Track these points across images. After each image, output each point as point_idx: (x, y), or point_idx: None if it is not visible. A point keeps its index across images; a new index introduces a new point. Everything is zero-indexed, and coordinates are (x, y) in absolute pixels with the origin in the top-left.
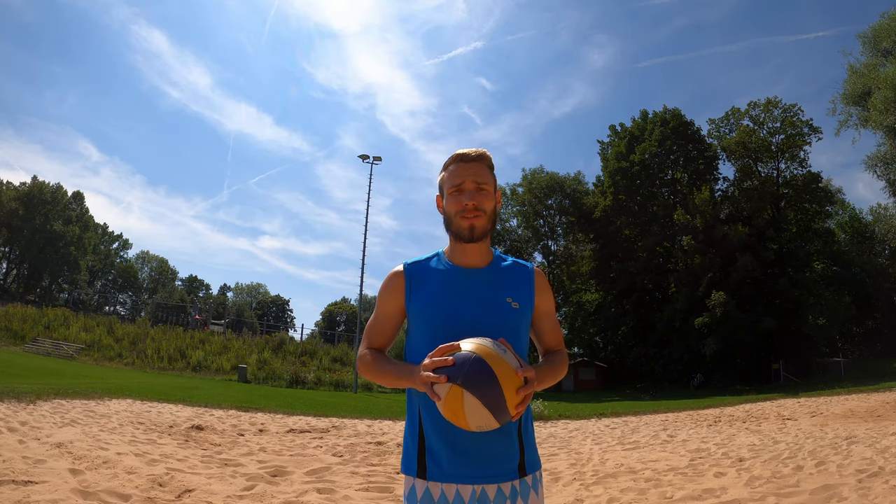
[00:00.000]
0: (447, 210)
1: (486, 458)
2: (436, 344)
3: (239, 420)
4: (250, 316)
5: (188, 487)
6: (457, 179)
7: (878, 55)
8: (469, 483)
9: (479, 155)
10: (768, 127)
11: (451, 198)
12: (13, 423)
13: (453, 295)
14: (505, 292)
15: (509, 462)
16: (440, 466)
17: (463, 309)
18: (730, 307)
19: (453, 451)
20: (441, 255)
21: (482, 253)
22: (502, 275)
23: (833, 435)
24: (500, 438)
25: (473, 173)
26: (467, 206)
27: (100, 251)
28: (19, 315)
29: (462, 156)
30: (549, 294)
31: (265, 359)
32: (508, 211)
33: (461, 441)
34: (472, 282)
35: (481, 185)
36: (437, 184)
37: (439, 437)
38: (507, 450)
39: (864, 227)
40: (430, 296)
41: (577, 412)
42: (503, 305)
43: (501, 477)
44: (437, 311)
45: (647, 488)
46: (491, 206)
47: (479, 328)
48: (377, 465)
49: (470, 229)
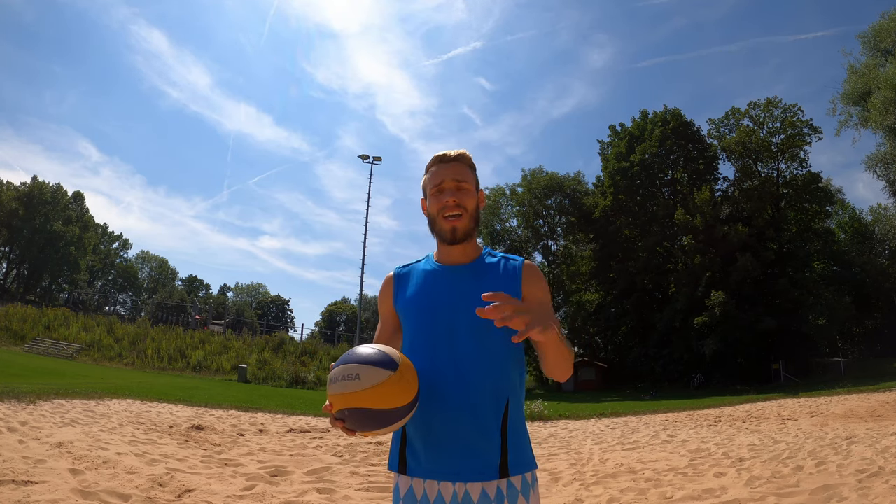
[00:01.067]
0: (430, 211)
1: (461, 453)
2: (418, 340)
3: (239, 420)
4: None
5: (188, 487)
6: (437, 179)
7: (879, 55)
8: (448, 480)
9: (458, 155)
10: (768, 127)
11: (432, 198)
12: (13, 423)
13: (434, 292)
14: (487, 286)
15: (487, 460)
16: (419, 462)
17: (443, 304)
18: (730, 307)
19: (428, 445)
20: (430, 257)
21: (467, 251)
22: (486, 269)
23: (833, 435)
24: (474, 433)
25: (453, 172)
26: (448, 203)
27: (100, 251)
28: (19, 315)
29: (441, 157)
30: (539, 285)
31: (265, 359)
32: (508, 211)
33: (436, 435)
34: (453, 278)
35: (461, 184)
36: (421, 187)
37: (416, 430)
38: (482, 445)
39: (864, 227)
40: (412, 294)
41: (577, 412)
42: (480, 301)
43: (480, 475)
44: (417, 308)
45: (647, 488)
46: (472, 204)
47: (460, 323)
48: (377, 465)
49: (452, 231)
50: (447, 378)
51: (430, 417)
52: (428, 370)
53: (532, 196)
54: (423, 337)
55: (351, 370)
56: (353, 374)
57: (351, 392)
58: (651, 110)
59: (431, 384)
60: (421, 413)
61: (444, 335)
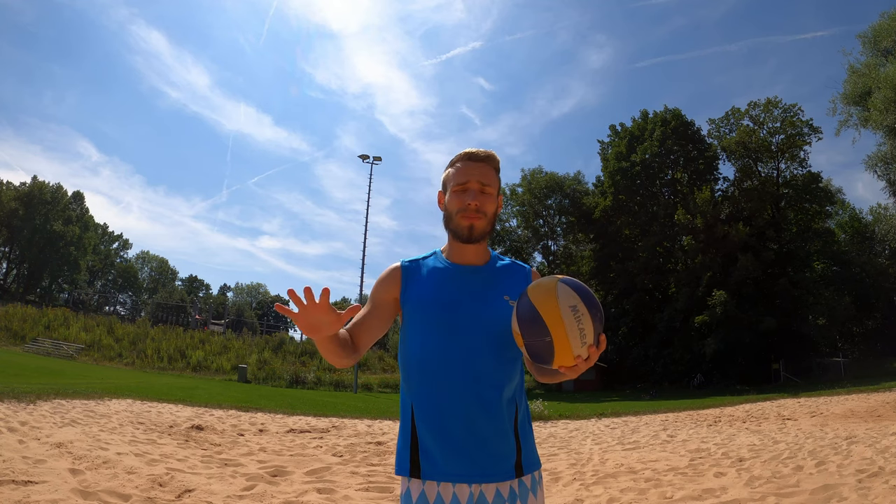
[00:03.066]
0: (448, 207)
1: (481, 455)
2: (432, 339)
3: (239, 420)
4: (250, 316)
5: (188, 487)
6: (462, 178)
7: (879, 55)
8: (465, 482)
9: (487, 156)
10: (768, 127)
11: (453, 195)
12: (13, 423)
13: (450, 291)
14: (501, 290)
15: (505, 460)
16: (434, 464)
17: (459, 305)
18: (730, 307)
19: (447, 448)
20: (438, 254)
21: (479, 252)
22: (499, 273)
23: (833, 435)
24: (494, 435)
25: (480, 174)
26: (469, 205)
27: (100, 251)
28: (19, 315)
29: (471, 154)
30: None
31: (265, 359)
32: (508, 211)
33: (455, 437)
34: (468, 279)
35: (485, 187)
36: (442, 180)
37: (432, 434)
38: (502, 447)
39: (864, 227)
40: (426, 291)
41: (577, 412)
42: (499, 302)
43: (498, 476)
44: (433, 306)
45: (647, 488)
46: (492, 209)
47: (475, 324)
48: (377, 465)
49: (469, 229)
50: (464, 379)
51: (446, 419)
52: (443, 369)
53: (532, 196)
54: (439, 335)
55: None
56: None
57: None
58: (650, 110)
59: (447, 384)
60: (436, 414)
61: (459, 335)
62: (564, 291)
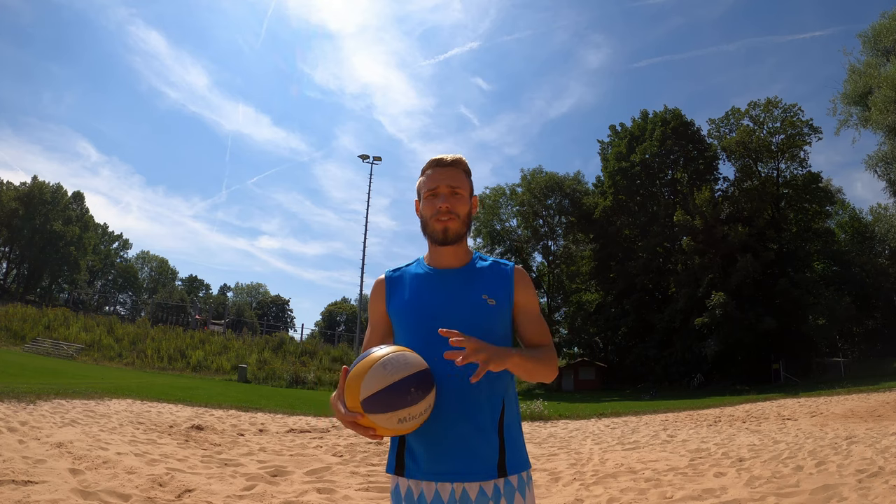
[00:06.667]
0: (423, 213)
1: (461, 454)
2: (415, 344)
3: (239, 420)
4: (250, 316)
5: (188, 487)
6: (432, 184)
7: (879, 54)
8: (447, 480)
9: (454, 160)
10: (768, 127)
11: (426, 201)
12: (13, 423)
13: (428, 295)
14: (481, 290)
15: (486, 459)
16: (417, 463)
17: (437, 308)
18: (730, 307)
19: (429, 448)
20: (420, 260)
21: (458, 254)
22: (479, 273)
23: (833, 435)
24: (475, 435)
25: (448, 178)
26: (441, 208)
27: (100, 251)
28: (19, 315)
29: (439, 161)
30: (530, 291)
31: (265, 359)
32: (508, 211)
33: (436, 437)
34: (446, 281)
35: (455, 189)
36: (416, 188)
37: (417, 433)
38: (481, 446)
39: (864, 227)
40: (406, 297)
41: (577, 412)
42: (478, 302)
43: (479, 475)
44: (412, 311)
45: (647, 488)
46: (465, 210)
47: (455, 326)
48: (377, 465)
49: (443, 231)
50: (443, 380)
51: (428, 419)
52: None
53: (532, 196)
54: (418, 340)
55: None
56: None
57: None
58: (649, 110)
59: None
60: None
61: (438, 338)
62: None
